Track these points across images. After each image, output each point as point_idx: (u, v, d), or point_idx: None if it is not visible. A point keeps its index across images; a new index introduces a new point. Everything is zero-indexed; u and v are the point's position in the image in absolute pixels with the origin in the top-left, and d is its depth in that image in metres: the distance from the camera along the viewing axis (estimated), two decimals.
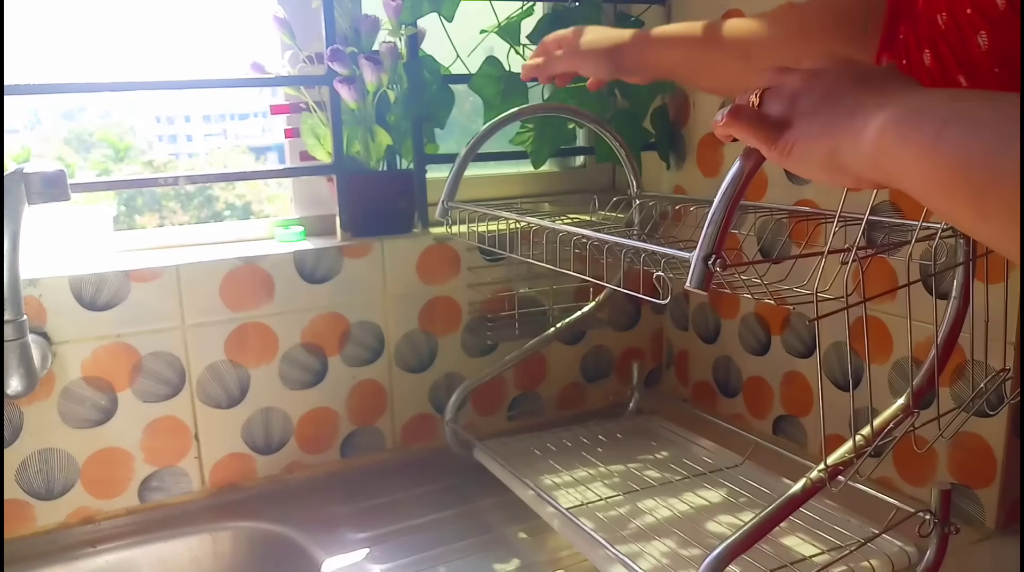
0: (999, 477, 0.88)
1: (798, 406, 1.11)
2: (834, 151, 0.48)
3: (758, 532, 0.69)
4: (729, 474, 0.99)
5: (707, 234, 0.55)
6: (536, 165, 1.19)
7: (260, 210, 6.57)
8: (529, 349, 1.12)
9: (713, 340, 1.24)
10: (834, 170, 0.49)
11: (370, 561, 0.88)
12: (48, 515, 0.95)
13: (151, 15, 11.01)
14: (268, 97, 1.21)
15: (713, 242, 0.55)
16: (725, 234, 0.55)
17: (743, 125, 0.53)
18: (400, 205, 1.11)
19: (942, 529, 0.73)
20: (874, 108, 0.46)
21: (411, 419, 1.14)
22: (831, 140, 0.48)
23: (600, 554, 0.81)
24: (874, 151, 0.45)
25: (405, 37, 1.08)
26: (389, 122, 1.09)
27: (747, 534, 0.68)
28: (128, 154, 7.65)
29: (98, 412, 0.95)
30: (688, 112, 1.24)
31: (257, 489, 1.05)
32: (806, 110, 0.51)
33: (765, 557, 0.79)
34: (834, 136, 0.48)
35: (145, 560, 0.94)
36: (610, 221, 1.12)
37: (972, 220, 0.40)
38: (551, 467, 1.02)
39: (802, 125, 0.51)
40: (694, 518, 0.89)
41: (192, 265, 0.98)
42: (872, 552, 0.78)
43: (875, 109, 0.46)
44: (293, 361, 1.05)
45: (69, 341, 0.93)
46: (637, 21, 1.21)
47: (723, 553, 0.68)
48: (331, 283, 1.06)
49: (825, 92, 0.51)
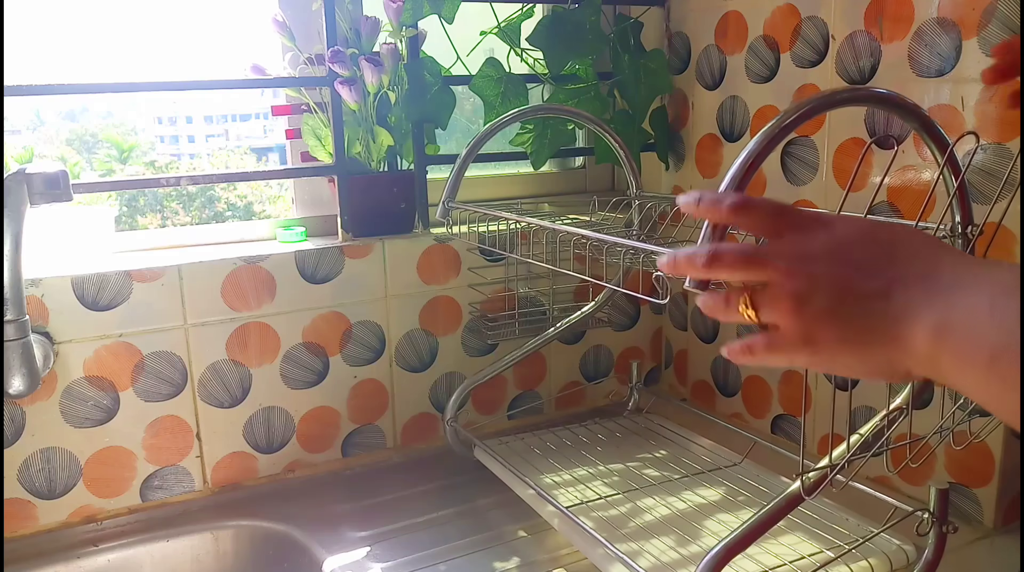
0: (997, 476, 0.88)
1: (796, 405, 1.12)
2: (887, 365, 0.44)
3: (755, 531, 0.69)
4: (728, 473, 1.00)
5: (705, 235, 0.55)
6: (536, 166, 1.20)
7: (262, 211, 6.58)
8: (529, 349, 1.12)
9: (712, 340, 1.25)
10: (888, 377, 0.46)
11: (371, 559, 0.88)
12: (50, 514, 0.95)
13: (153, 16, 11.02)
14: (270, 98, 1.21)
15: (710, 239, 0.55)
16: (722, 235, 0.55)
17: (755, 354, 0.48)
18: (401, 206, 1.11)
19: (940, 528, 0.73)
20: (912, 318, 0.42)
21: (412, 418, 1.15)
22: (876, 356, 0.44)
23: (599, 553, 0.82)
24: (930, 370, 0.42)
25: (406, 39, 1.08)
26: (390, 123, 1.09)
27: (744, 533, 0.69)
28: (132, 155, 7.66)
29: (100, 411, 0.96)
30: (687, 113, 1.24)
31: (258, 488, 1.05)
32: (820, 313, 0.45)
33: (764, 556, 0.79)
34: (879, 352, 0.44)
35: (147, 559, 0.95)
36: (609, 221, 1.12)
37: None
38: (551, 466, 1.02)
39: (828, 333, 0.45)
40: (693, 516, 0.90)
41: (194, 265, 0.98)
42: (870, 551, 0.78)
43: (913, 319, 0.42)
44: (294, 361, 1.05)
45: (71, 341, 0.93)
46: (636, 23, 1.21)
47: (721, 552, 0.68)
48: (332, 283, 1.06)
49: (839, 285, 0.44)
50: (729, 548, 0.68)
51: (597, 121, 1.07)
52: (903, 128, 0.93)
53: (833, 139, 1.01)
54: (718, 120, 1.18)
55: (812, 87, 1.03)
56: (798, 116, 0.56)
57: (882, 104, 0.67)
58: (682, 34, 1.23)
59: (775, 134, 0.55)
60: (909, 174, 0.92)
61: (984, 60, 0.84)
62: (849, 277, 0.44)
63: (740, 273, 0.47)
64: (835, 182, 1.01)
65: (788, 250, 0.46)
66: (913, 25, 0.90)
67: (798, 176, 1.06)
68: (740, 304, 0.47)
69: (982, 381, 0.39)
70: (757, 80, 1.11)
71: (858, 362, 0.45)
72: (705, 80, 1.20)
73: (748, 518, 0.70)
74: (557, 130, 1.19)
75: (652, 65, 1.21)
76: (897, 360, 0.44)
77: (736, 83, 1.14)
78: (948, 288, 0.42)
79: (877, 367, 0.45)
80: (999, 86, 0.65)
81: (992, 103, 0.84)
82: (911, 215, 0.83)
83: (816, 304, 0.45)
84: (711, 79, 1.19)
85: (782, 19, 1.06)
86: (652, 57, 1.21)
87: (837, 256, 0.45)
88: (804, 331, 0.46)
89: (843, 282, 0.44)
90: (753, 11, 1.10)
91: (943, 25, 0.87)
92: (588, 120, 1.08)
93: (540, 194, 1.33)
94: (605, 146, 1.12)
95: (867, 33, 0.95)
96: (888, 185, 0.95)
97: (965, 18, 0.85)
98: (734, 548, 0.68)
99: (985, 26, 0.83)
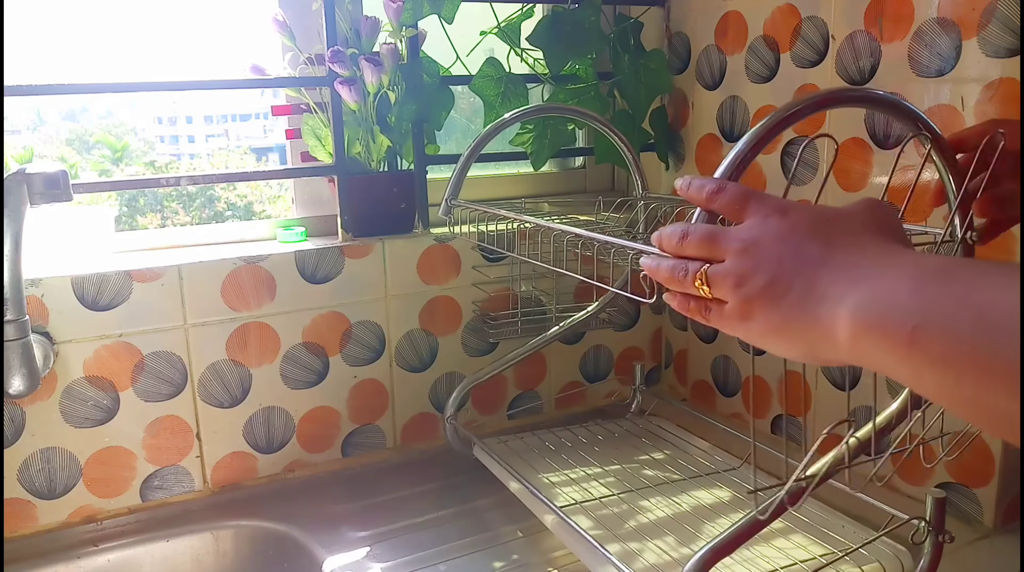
0: (997, 476, 0.88)
1: (796, 405, 1.12)
2: (809, 349, 0.46)
3: (743, 535, 0.67)
4: (726, 476, 1.00)
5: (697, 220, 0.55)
6: (536, 166, 1.20)
7: (262, 211, 6.58)
8: (531, 348, 1.12)
9: (712, 340, 1.25)
10: (813, 360, 0.48)
11: (371, 559, 0.88)
12: (50, 514, 0.95)
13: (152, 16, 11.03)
14: (269, 98, 1.21)
15: None
16: (711, 221, 0.55)
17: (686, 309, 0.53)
18: (401, 206, 1.11)
19: (936, 537, 0.73)
20: (833, 302, 0.44)
21: (412, 418, 1.15)
22: (798, 340, 0.46)
23: (591, 555, 0.81)
24: (852, 353, 0.43)
25: (406, 38, 1.08)
26: (389, 123, 1.09)
27: (732, 537, 0.67)
28: (131, 155, 7.65)
29: (100, 411, 0.96)
30: (687, 113, 1.24)
31: (258, 488, 1.05)
32: (755, 293, 0.47)
33: (759, 560, 0.79)
34: (800, 336, 0.46)
35: (147, 559, 0.95)
36: (612, 222, 1.12)
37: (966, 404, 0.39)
38: (550, 466, 1.02)
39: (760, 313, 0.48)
40: (691, 518, 0.90)
41: (194, 265, 0.98)
42: (866, 557, 0.78)
43: (835, 303, 0.44)
44: (294, 360, 1.05)
45: (71, 341, 0.93)
46: (636, 23, 1.21)
47: (707, 555, 0.67)
48: (332, 283, 1.06)
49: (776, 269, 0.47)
50: (715, 551, 0.67)
51: (603, 121, 1.07)
52: (903, 128, 0.93)
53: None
54: (718, 120, 1.18)
55: (812, 87, 1.03)
56: (795, 112, 0.56)
57: (882, 108, 0.67)
58: (682, 34, 1.23)
59: (774, 125, 0.55)
60: (909, 175, 0.92)
61: (984, 60, 0.84)
62: (785, 261, 0.47)
63: (702, 251, 0.51)
64: (835, 182, 1.01)
65: (744, 233, 0.49)
66: (913, 25, 0.90)
67: (798, 176, 1.06)
68: (696, 278, 0.51)
69: (904, 358, 0.40)
70: (757, 80, 1.11)
71: (785, 344, 0.48)
72: (705, 80, 1.20)
73: (737, 520, 0.68)
74: (557, 130, 1.19)
75: (652, 65, 1.21)
76: (820, 345, 0.45)
77: (736, 83, 1.14)
78: (872, 271, 0.43)
79: (802, 351, 0.47)
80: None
81: (992, 103, 0.84)
82: (912, 215, 0.83)
83: (754, 284, 0.47)
84: (711, 79, 1.19)
85: (782, 19, 1.06)
86: (652, 57, 1.21)
87: (781, 241, 0.48)
88: (741, 308, 0.48)
89: (779, 266, 0.47)
90: (753, 11, 1.10)
91: (943, 25, 0.87)
92: (594, 121, 1.07)
93: (540, 194, 1.33)
94: (605, 146, 1.12)
95: (867, 33, 0.95)
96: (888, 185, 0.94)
97: (965, 18, 0.85)
98: (720, 551, 0.67)
99: (985, 26, 0.83)
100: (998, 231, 0.68)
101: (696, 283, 0.51)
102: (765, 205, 0.50)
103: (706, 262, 0.51)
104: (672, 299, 0.54)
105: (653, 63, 1.21)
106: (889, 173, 0.68)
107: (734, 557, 0.69)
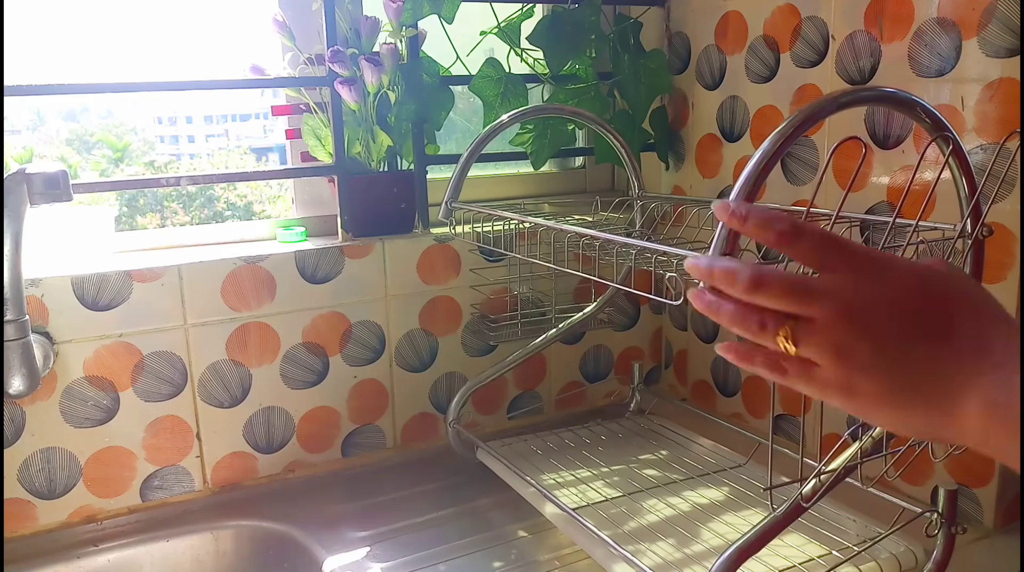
0: (997, 476, 0.88)
1: (796, 405, 1.12)
2: (926, 427, 0.44)
3: (767, 535, 0.68)
4: (731, 473, 1.00)
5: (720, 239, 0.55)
6: (536, 166, 1.20)
7: (262, 211, 6.58)
8: (531, 349, 1.12)
9: (712, 339, 1.25)
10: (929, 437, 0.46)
11: (371, 559, 0.88)
12: (50, 514, 0.95)
13: (152, 16, 11.02)
14: (269, 98, 1.21)
15: (724, 245, 0.54)
16: (736, 241, 0.54)
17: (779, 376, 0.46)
18: (401, 206, 1.11)
19: (949, 529, 0.73)
20: (961, 387, 0.42)
21: (412, 418, 1.15)
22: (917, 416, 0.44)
23: (603, 552, 0.81)
24: (981, 443, 0.42)
25: (405, 38, 1.08)
26: (389, 123, 1.09)
27: (756, 536, 0.68)
28: (131, 154, 7.66)
29: (100, 411, 0.96)
30: (687, 113, 1.24)
31: (259, 488, 1.05)
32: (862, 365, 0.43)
33: (772, 558, 0.79)
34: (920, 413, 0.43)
35: (147, 559, 0.95)
36: (611, 222, 1.12)
37: None
38: (552, 466, 1.02)
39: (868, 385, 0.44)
40: (696, 517, 0.90)
41: (194, 265, 0.98)
42: (878, 552, 0.78)
43: (963, 389, 0.42)
44: (294, 360, 1.05)
45: (71, 341, 0.93)
46: (636, 23, 1.21)
47: (733, 555, 0.68)
48: (332, 283, 1.06)
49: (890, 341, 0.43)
50: (741, 552, 0.68)
51: (600, 121, 1.07)
52: (903, 128, 0.93)
53: (833, 139, 1.01)
54: (718, 120, 1.19)
55: (812, 87, 1.03)
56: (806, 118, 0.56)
57: (896, 105, 0.67)
58: (682, 34, 1.23)
59: (790, 133, 0.55)
60: (910, 174, 0.92)
61: (984, 60, 0.84)
62: (900, 335, 0.43)
63: (785, 304, 0.45)
64: (835, 182, 1.01)
65: (840, 291, 0.44)
66: (913, 25, 0.90)
67: (798, 176, 1.06)
68: (780, 335, 0.45)
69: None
70: (757, 80, 1.11)
71: (898, 420, 0.44)
72: (705, 80, 1.20)
73: (759, 521, 0.69)
74: (557, 130, 1.19)
75: (652, 65, 1.21)
76: (940, 426, 0.43)
77: (736, 83, 1.14)
78: (1000, 365, 0.41)
79: (917, 428, 0.44)
80: None
81: (992, 103, 0.84)
82: (911, 215, 0.83)
83: (863, 355, 0.43)
84: (711, 79, 1.19)
85: (782, 19, 1.06)
86: (652, 57, 1.21)
87: (891, 308, 0.43)
88: (845, 379, 0.44)
89: (895, 339, 0.43)
90: (753, 11, 1.10)
91: (943, 25, 0.87)
92: (591, 120, 1.08)
93: (540, 194, 1.33)
94: (605, 146, 1.12)
95: (867, 33, 0.95)
96: (889, 185, 0.95)
97: (965, 18, 0.85)
98: (746, 552, 0.68)
99: (985, 26, 0.83)
100: None
101: (779, 340, 0.45)
102: (857, 255, 0.45)
103: (789, 316, 0.45)
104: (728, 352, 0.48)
105: (653, 63, 1.21)
106: (911, 177, 0.68)
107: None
